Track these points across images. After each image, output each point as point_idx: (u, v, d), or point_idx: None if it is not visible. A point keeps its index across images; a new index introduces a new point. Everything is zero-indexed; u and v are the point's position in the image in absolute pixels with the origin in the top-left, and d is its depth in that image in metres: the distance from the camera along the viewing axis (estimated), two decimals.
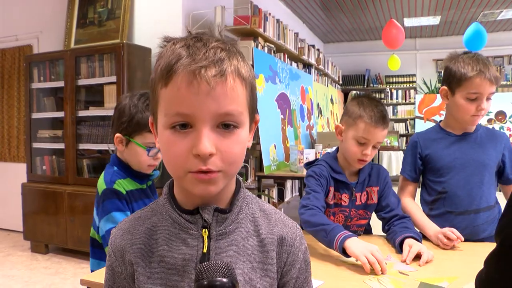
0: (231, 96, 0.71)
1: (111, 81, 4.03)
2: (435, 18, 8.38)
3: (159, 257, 0.78)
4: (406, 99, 10.37)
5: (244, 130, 0.75)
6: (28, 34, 5.16)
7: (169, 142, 0.72)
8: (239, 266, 0.77)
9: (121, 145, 1.64)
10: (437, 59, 10.14)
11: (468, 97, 1.80)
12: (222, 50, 0.72)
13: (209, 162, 0.70)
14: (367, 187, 1.86)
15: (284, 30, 5.70)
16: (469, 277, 1.36)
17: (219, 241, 0.77)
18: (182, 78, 0.69)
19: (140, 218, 0.84)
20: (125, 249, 0.81)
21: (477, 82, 1.76)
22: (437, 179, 1.91)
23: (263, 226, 0.82)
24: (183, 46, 0.72)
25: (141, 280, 0.78)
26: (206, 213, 0.77)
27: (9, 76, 5.43)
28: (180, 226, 0.78)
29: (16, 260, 4.23)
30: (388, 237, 1.77)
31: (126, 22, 4.31)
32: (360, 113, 1.73)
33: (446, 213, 1.88)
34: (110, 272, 0.83)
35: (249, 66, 0.78)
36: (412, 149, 1.99)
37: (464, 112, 1.83)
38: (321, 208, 1.69)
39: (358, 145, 1.75)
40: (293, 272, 0.83)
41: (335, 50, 10.93)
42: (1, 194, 5.44)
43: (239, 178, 0.85)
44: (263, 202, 0.88)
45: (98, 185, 1.64)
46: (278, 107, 4.91)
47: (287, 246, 0.83)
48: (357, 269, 1.46)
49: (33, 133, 4.59)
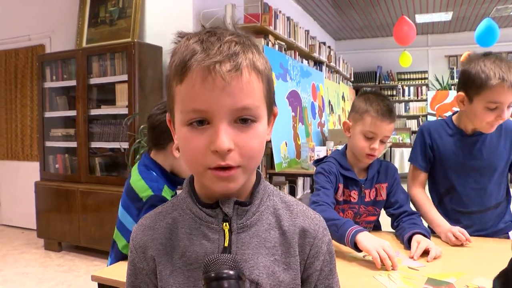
0: (247, 90, 0.70)
1: (123, 80, 4.05)
2: (447, 14, 8.29)
3: (181, 252, 0.77)
4: (418, 95, 10.28)
5: (262, 124, 0.75)
6: (40, 34, 5.22)
7: (187, 139, 0.72)
8: (261, 259, 0.77)
9: (178, 152, 1.62)
10: (449, 55, 10.06)
11: (487, 106, 1.65)
12: (237, 44, 0.71)
13: (227, 157, 0.70)
14: (376, 183, 1.86)
15: (295, 27, 5.69)
16: (477, 273, 1.37)
17: (240, 234, 0.77)
18: (197, 74, 0.68)
19: (161, 213, 0.84)
20: (146, 245, 0.81)
21: (498, 92, 1.61)
22: (445, 175, 1.88)
23: (284, 218, 0.81)
24: (197, 41, 0.71)
25: (163, 275, 0.78)
26: (226, 206, 0.77)
27: (22, 75, 5.50)
28: (201, 220, 0.78)
29: (30, 258, 4.29)
30: (397, 233, 1.77)
31: (137, 21, 4.34)
32: (366, 108, 1.74)
33: (453, 210, 1.86)
34: (132, 268, 0.83)
35: (265, 59, 0.77)
36: (421, 138, 1.94)
37: (481, 119, 1.72)
38: (331, 204, 1.69)
39: (365, 140, 1.75)
40: (316, 265, 0.82)
41: (347, 47, 10.89)
42: (15, 192, 5.52)
43: (259, 171, 0.85)
44: (284, 194, 0.87)
45: (137, 188, 1.61)
46: (289, 104, 4.90)
47: (310, 238, 0.82)
48: (367, 265, 1.46)
49: (46, 132, 4.65)
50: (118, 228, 1.69)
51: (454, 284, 1.29)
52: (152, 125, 1.66)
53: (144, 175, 1.64)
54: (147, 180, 1.61)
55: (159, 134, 1.63)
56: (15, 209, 5.53)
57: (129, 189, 1.65)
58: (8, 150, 5.65)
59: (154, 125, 1.65)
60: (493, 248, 1.65)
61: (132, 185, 1.64)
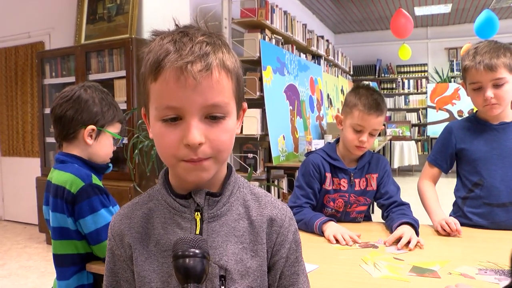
0: (216, 88, 0.75)
1: (121, 76, 4.09)
2: (446, 6, 8.26)
3: (156, 240, 0.82)
4: (418, 88, 10.26)
5: (231, 119, 0.79)
6: (40, 31, 5.27)
7: (161, 134, 0.77)
8: (230, 246, 0.82)
9: (90, 138, 1.57)
10: (449, 47, 10.03)
11: (473, 88, 1.76)
12: (208, 44, 0.75)
13: (199, 151, 0.75)
14: (367, 174, 1.91)
15: (292, 21, 5.71)
16: (461, 261, 1.41)
17: (211, 223, 0.82)
18: (170, 73, 0.73)
19: (138, 204, 0.88)
20: (123, 233, 0.85)
21: (472, 72, 1.73)
22: (473, 169, 1.84)
23: (253, 208, 0.86)
24: (170, 41, 0.75)
25: (139, 262, 0.82)
26: (198, 197, 0.82)
27: (23, 72, 5.55)
28: (175, 210, 0.83)
29: (33, 252, 4.35)
30: (386, 223, 1.81)
31: (135, 17, 4.37)
32: (355, 102, 1.81)
33: (483, 205, 1.81)
34: (111, 255, 0.88)
35: (234, 57, 0.81)
36: (445, 138, 1.94)
37: (475, 103, 1.79)
38: (303, 204, 1.85)
39: (354, 133, 1.82)
40: (282, 252, 0.87)
41: (346, 41, 10.87)
42: (16, 188, 5.58)
43: (230, 164, 0.90)
44: (254, 186, 0.91)
45: (63, 182, 1.49)
46: (286, 98, 4.93)
47: (277, 227, 0.86)
48: (353, 254, 1.51)
49: (46, 128, 4.69)
50: (61, 237, 1.51)
51: (438, 271, 1.33)
52: (57, 117, 1.57)
53: (66, 169, 1.52)
54: (72, 172, 1.50)
55: (66, 124, 1.56)
56: (18, 204, 5.60)
57: (54, 188, 1.51)
58: (9, 147, 5.71)
59: (60, 116, 1.56)
60: (478, 237, 1.69)
61: (56, 182, 1.51)
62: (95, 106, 1.57)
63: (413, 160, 9.07)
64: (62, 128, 1.57)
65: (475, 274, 1.30)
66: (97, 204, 1.48)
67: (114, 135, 1.63)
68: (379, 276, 1.31)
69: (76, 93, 1.57)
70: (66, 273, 1.51)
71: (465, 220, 1.83)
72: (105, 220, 1.47)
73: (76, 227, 1.50)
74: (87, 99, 1.57)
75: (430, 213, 1.86)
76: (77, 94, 1.57)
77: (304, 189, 1.88)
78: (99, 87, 1.64)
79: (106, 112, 1.60)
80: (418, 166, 9.27)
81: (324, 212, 1.89)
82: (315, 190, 1.88)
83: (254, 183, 3.85)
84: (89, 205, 1.47)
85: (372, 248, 1.58)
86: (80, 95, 1.57)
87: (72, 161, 1.56)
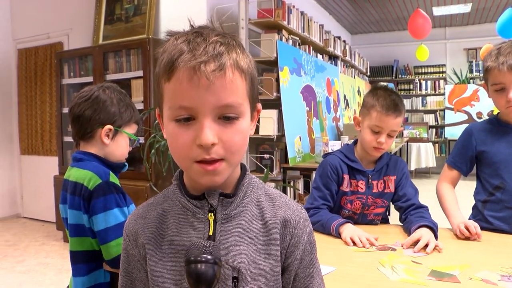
0: (230, 88, 0.74)
1: (138, 76, 4.12)
2: (466, 5, 8.13)
3: (169, 241, 0.82)
4: (435, 89, 10.13)
5: (244, 120, 0.79)
6: (59, 31, 5.35)
7: (175, 134, 0.77)
8: (244, 247, 0.81)
9: (107, 138, 1.58)
10: (468, 48, 9.88)
11: (495, 89, 1.73)
12: (222, 44, 0.75)
13: (211, 151, 0.75)
14: (385, 176, 1.90)
15: (309, 22, 5.68)
16: (482, 266, 1.38)
17: (224, 224, 0.81)
18: (183, 73, 0.73)
19: (153, 204, 0.88)
20: (138, 233, 0.85)
21: (495, 73, 1.70)
22: (493, 172, 1.81)
23: (267, 209, 0.85)
24: (184, 41, 0.75)
25: (152, 262, 0.83)
26: (211, 198, 0.81)
27: (42, 72, 5.63)
28: (189, 211, 0.83)
29: (50, 249, 4.41)
30: (404, 226, 1.79)
31: (152, 17, 4.40)
32: (373, 103, 1.79)
33: (504, 208, 1.76)
34: (125, 255, 0.88)
35: (249, 58, 0.81)
36: (465, 140, 1.90)
37: (497, 105, 1.76)
38: (320, 205, 1.83)
39: (372, 134, 1.81)
40: (296, 254, 0.86)
41: (363, 41, 10.81)
42: (35, 186, 5.67)
43: (245, 165, 0.89)
44: (269, 187, 0.91)
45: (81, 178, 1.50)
46: (303, 99, 4.91)
47: (291, 228, 0.85)
48: (370, 257, 1.49)
49: (64, 127, 4.74)
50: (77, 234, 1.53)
51: (457, 276, 1.30)
52: (76, 116, 1.59)
53: (84, 166, 1.54)
54: (90, 169, 1.51)
55: (84, 123, 1.58)
56: (36, 202, 5.68)
57: (72, 185, 1.52)
58: (28, 145, 5.80)
59: (78, 115, 1.58)
60: (498, 242, 1.66)
61: (74, 179, 1.52)
62: (113, 107, 1.59)
63: (430, 162, 8.95)
64: (79, 127, 1.59)
65: (497, 280, 1.27)
66: (111, 203, 1.48)
67: (130, 135, 1.65)
68: (396, 279, 1.29)
69: (94, 93, 1.59)
70: (82, 270, 1.52)
71: (485, 224, 1.79)
72: (116, 219, 1.47)
73: (90, 224, 1.51)
74: (105, 99, 1.58)
75: (449, 216, 1.83)
76: (95, 94, 1.59)
77: (321, 190, 1.86)
78: (117, 88, 1.66)
79: (123, 112, 1.62)
80: (435, 169, 9.17)
81: (341, 214, 1.88)
82: (333, 192, 1.86)
83: (270, 184, 3.86)
84: (103, 203, 1.47)
85: (390, 250, 1.56)
86: (98, 95, 1.58)
87: (90, 159, 1.57)
